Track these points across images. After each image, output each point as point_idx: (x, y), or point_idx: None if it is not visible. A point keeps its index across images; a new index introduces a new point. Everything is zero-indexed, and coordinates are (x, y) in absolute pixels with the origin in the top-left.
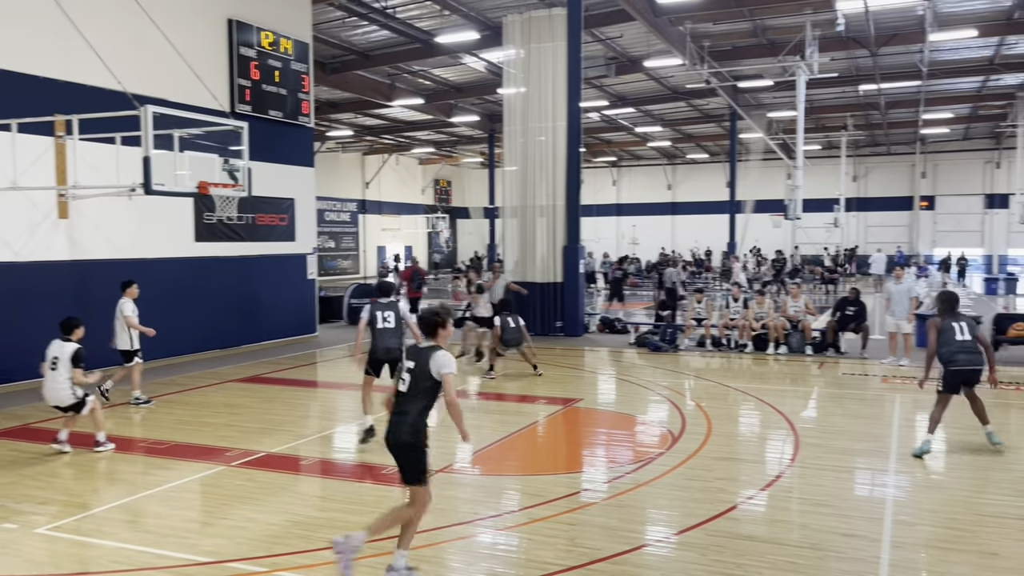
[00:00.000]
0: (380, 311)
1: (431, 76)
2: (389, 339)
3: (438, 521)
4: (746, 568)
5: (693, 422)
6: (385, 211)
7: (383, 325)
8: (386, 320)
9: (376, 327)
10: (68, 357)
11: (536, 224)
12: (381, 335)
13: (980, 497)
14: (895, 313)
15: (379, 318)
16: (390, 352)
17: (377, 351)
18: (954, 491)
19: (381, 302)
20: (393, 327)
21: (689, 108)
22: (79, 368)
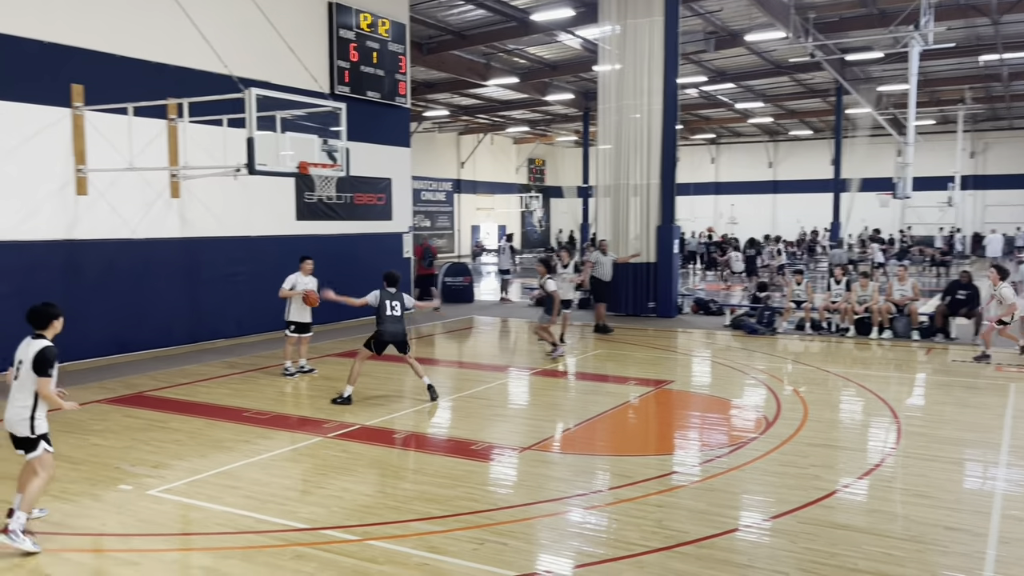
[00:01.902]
0: (388, 299)
1: (526, 55)
2: (395, 325)
3: (526, 498)
4: (839, 558)
5: (789, 407)
6: (479, 190)
7: (391, 312)
8: (393, 308)
9: (384, 314)
10: (31, 362)
11: (629, 203)
12: (389, 321)
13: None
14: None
15: (387, 306)
16: (395, 336)
17: (384, 334)
18: None
19: (389, 291)
20: (399, 315)
21: (792, 83)
22: (44, 377)
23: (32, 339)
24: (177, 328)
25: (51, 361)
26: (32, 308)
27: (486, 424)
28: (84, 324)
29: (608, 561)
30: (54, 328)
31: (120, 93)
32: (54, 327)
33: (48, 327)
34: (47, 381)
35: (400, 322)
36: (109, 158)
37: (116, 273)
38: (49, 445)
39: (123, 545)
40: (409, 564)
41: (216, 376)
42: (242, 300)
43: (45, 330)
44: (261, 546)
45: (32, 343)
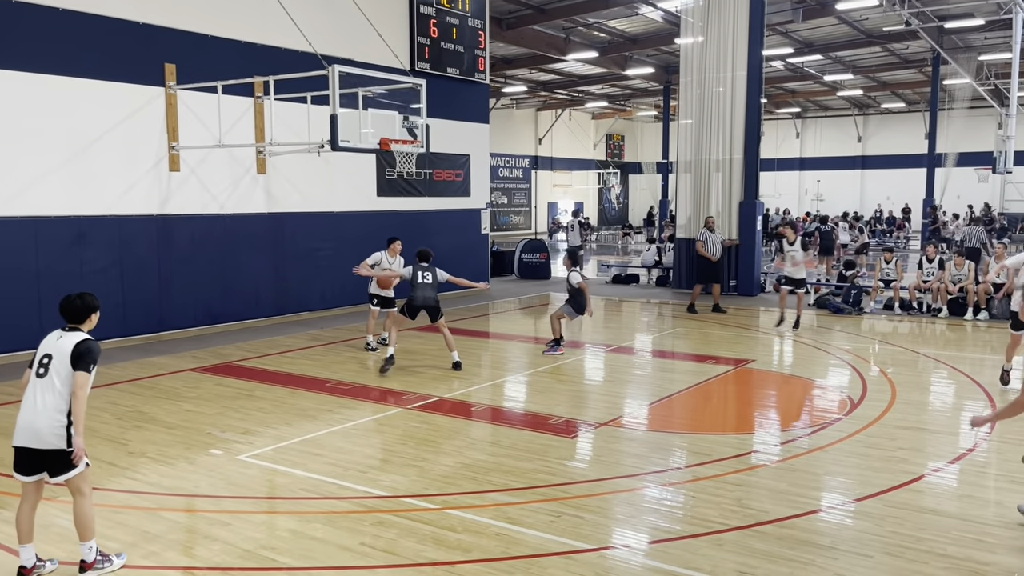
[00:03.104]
0: (420, 271)
1: (606, 28)
2: (424, 291)
3: (603, 473)
4: (927, 542)
5: (875, 388)
6: (557, 167)
7: (421, 280)
8: (424, 278)
9: (416, 282)
10: (68, 356)
11: (711, 179)
12: (420, 288)
13: None
14: None
15: (419, 275)
16: (426, 300)
17: (415, 299)
18: None
19: (422, 264)
20: (430, 282)
21: (885, 53)
22: (86, 372)
23: (64, 332)
24: (263, 301)
25: (96, 355)
26: (67, 299)
27: (562, 399)
28: (177, 296)
29: (686, 538)
30: (91, 322)
31: (210, 72)
32: (91, 321)
33: (85, 321)
34: (88, 378)
35: (431, 289)
36: (199, 135)
37: (206, 247)
38: (87, 457)
39: (214, 506)
40: (487, 533)
41: (301, 347)
42: (325, 274)
43: (81, 324)
44: (343, 512)
45: (67, 335)
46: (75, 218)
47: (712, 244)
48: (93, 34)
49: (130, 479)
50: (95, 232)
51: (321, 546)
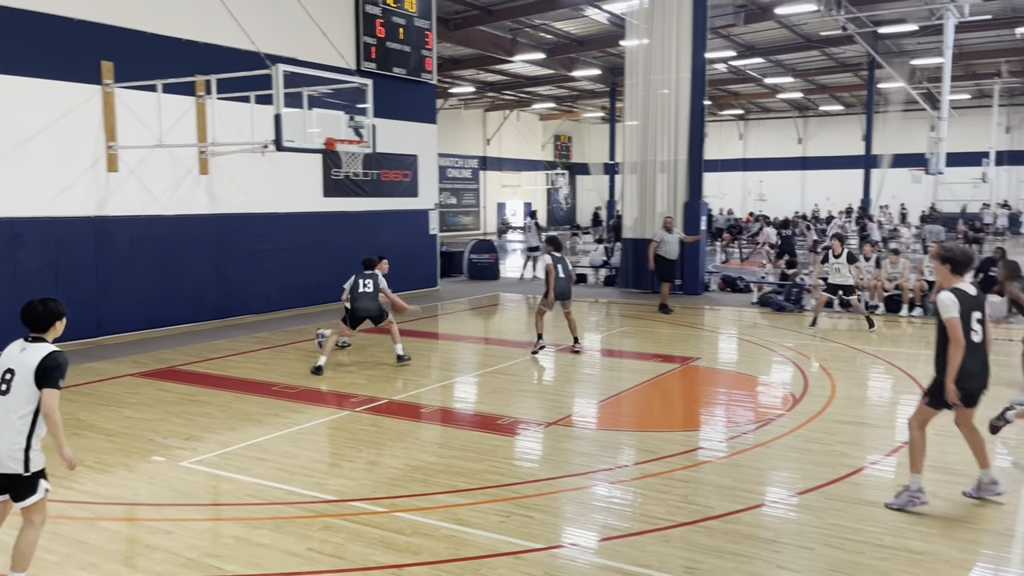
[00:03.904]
0: (361, 279)
1: (552, 29)
2: (366, 301)
3: (553, 472)
4: (865, 533)
5: (816, 384)
6: (505, 168)
7: (362, 290)
8: (365, 286)
9: (357, 291)
10: (32, 371)
11: (656, 180)
12: (361, 298)
13: None
14: None
15: (360, 284)
16: (367, 311)
17: (358, 310)
18: None
19: (365, 272)
20: (371, 291)
21: (823, 57)
22: (53, 388)
23: (28, 342)
24: (207, 303)
25: (64, 369)
26: (29, 306)
27: (512, 400)
28: (116, 299)
29: (634, 535)
30: (55, 331)
31: (149, 70)
32: (56, 329)
33: (49, 329)
34: (57, 395)
35: (371, 299)
36: (139, 135)
37: (146, 249)
38: (47, 482)
39: (156, 515)
40: (436, 535)
41: (246, 351)
42: (270, 276)
43: (45, 333)
44: (290, 517)
45: (30, 347)
46: (8, 219)
47: (668, 244)
48: (25, 30)
49: (66, 488)
50: (30, 233)
51: (267, 552)
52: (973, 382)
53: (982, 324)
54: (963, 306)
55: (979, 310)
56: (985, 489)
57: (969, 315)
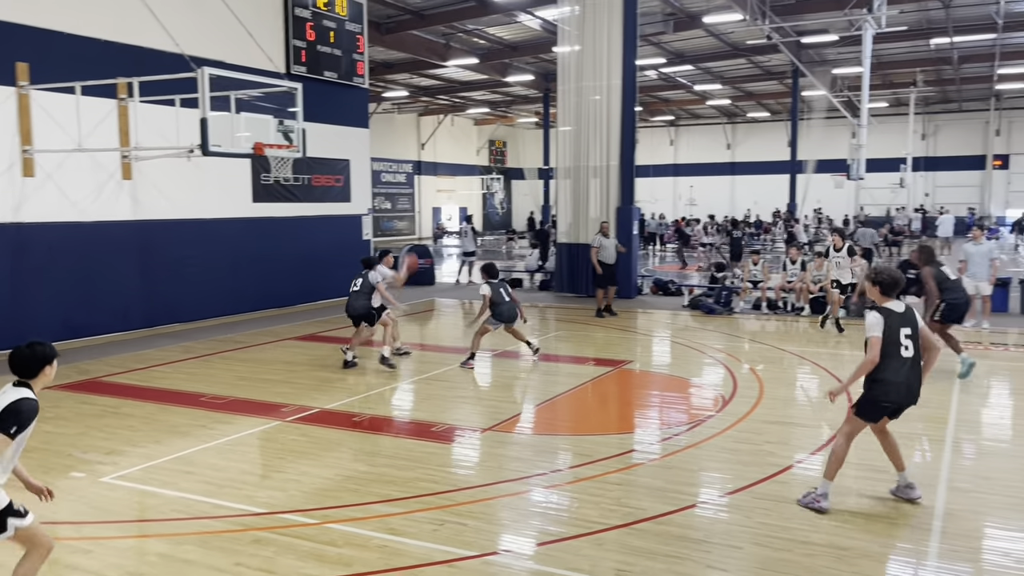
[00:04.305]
0: (355, 277)
1: (486, 35)
2: (354, 299)
3: (487, 478)
4: (792, 531)
5: (745, 385)
6: (440, 172)
7: (352, 288)
8: (354, 285)
9: (350, 290)
10: None
11: (590, 185)
12: (351, 296)
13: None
14: (975, 275)
15: (353, 283)
16: (353, 309)
17: (347, 308)
18: (1014, 458)
19: (361, 272)
20: (358, 290)
21: (750, 65)
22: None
23: (13, 387)
24: (132, 312)
25: (24, 417)
26: (16, 351)
27: (447, 406)
28: (33, 309)
29: (567, 539)
30: (45, 377)
31: (67, 72)
32: (45, 376)
33: (39, 375)
34: (4, 440)
35: (357, 297)
36: (57, 139)
37: (65, 257)
38: (22, 517)
39: (75, 533)
40: (369, 546)
41: (172, 361)
42: (198, 284)
43: (34, 379)
44: (217, 531)
45: (10, 391)
46: None
47: (607, 249)
48: None
49: None
50: None
51: (193, 569)
52: (897, 395)
53: (912, 339)
54: (890, 324)
55: (908, 326)
56: (901, 492)
57: (897, 332)
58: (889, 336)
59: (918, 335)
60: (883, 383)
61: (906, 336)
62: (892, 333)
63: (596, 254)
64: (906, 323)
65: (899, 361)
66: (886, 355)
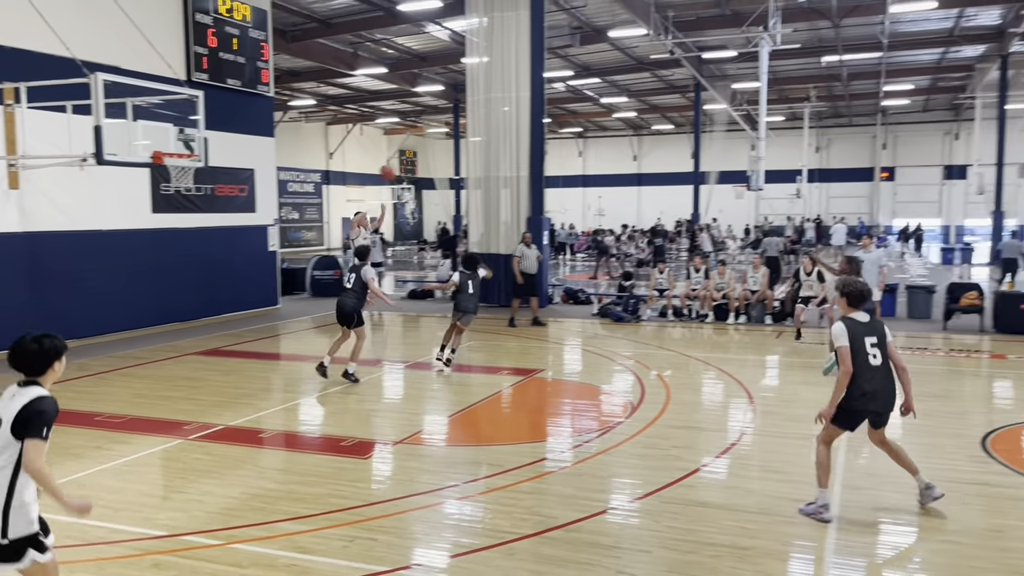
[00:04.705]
0: (347, 271)
1: (394, 45)
2: (342, 296)
3: (398, 492)
4: (698, 534)
5: (653, 391)
6: (350, 182)
7: (344, 284)
8: (348, 280)
9: (343, 284)
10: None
11: (500, 195)
12: (342, 292)
13: (928, 462)
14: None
15: (345, 277)
16: (341, 307)
17: (338, 307)
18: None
19: (355, 263)
20: (349, 287)
21: (654, 79)
22: (35, 439)
23: (20, 387)
24: (21, 329)
25: (50, 416)
26: (19, 344)
27: (358, 419)
28: None
29: (480, 551)
30: (54, 372)
31: None
32: (54, 372)
33: (47, 371)
34: (41, 447)
35: (348, 296)
36: None
37: None
38: (42, 552)
39: None
40: (276, 566)
41: (66, 379)
42: (95, 298)
43: (42, 376)
44: (114, 557)
45: (21, 392)
46: None
47: (528, 259)
48: None
49: None
50: None
51: None
52: (875, 403)
53: (880, 348)
54: (854, 334)
55: (873, 335)
56: (924, 496)
57: (862, 341)
58: (855, 345)
59: (885, 344)
60: (861, 393)
61: (872, 345)
62: (857, 342)
63: (518, 264)
64: (871, 332)
65: (870, 370)
66: (855, 365)
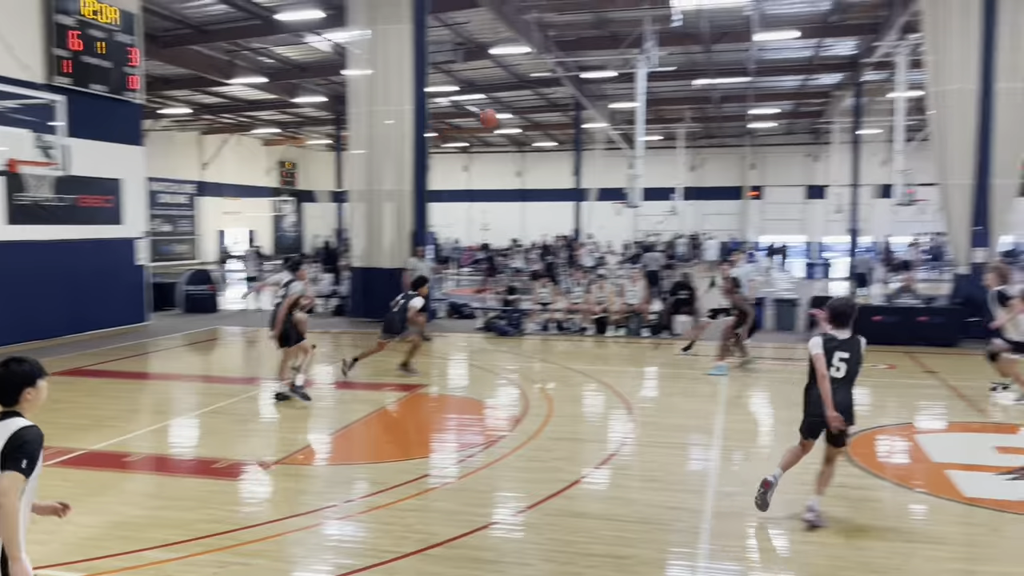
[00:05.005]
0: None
1: (273, 54)
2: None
3: (276, 514)
4: (577, 545)
5: (536, 404)
6: (226, 193)
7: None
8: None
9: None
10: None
11: (383, 209)
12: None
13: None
14: None
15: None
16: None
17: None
18: (771, 462)
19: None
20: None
21: (537, 97)
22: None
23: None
24: None
25: (31, 448)
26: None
27: (233, 440)
28: None
29: (360, 571)
30: (30, 402)
31: None
32: (30, 401)
33: (19, 401)
34: (16, 480)
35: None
36: None
37: None
38: None
39: None
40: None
41: None
42: None
43: (16, 405)
44: None
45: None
46: None
47: (419, 273)
48: None
49: None
50: None
51: None
52: (816, 411)
53: (847, 363)
54: (827, 346)
55: (843, 350)
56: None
57: (832, 354)
58: (826, 357)
59: (856, 362)
60: (811, 401)
61: (841, 359)
62: (828, 355)
63: (408, 278)
64: (844, 348)
65: (832, 382)
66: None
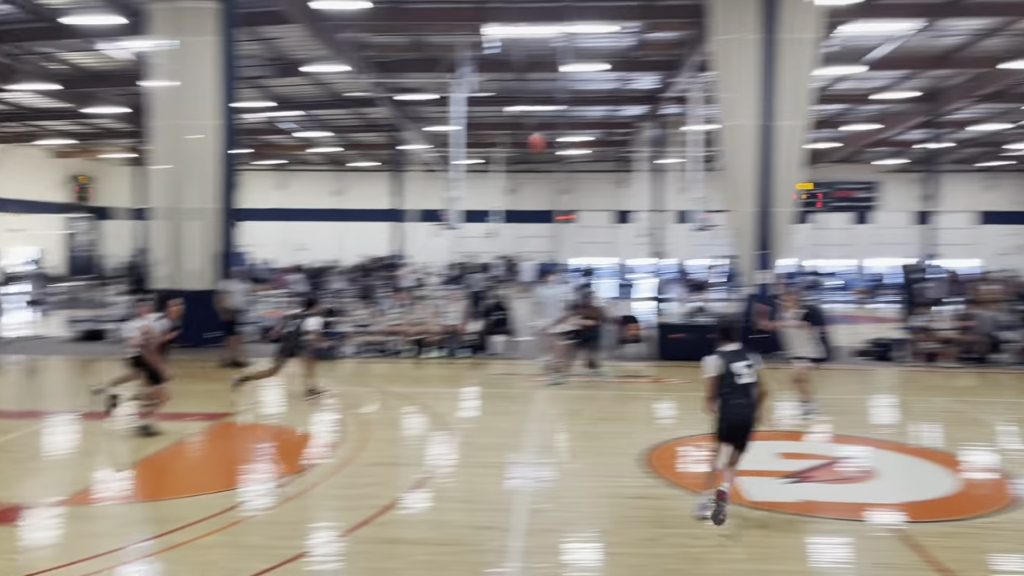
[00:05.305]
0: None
1: (64, 60)
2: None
3: (58, 560)
4: (390, 572)
5: (352, 429)
6: (9, 209)
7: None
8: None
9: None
10: None
11: (189, 228)
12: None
13: (600, 480)
14: (548, 315)
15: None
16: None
17: None
18: (580, 477)
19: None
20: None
21: (355, 116)
22: None
23: None
24: None
25: None
26: None
27: (10, 480)
28: None
29: None
30: None
31: None
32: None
33: None
34: None
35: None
36: None
37: None
38: None
39: None
40: None
41: None
42: None
43: None
44: None
45: None
46: None
47: (234, 295)
48: None
49: None
50: None
51: None
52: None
53: (750, 367)
54: (729, 360)
55: (742, 359)
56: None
57: (734, 365)
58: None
59: (756, 364)
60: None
61: (745, 366)
62: (729, 367)
63: (223, 300)
64: (738, 358)
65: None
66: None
